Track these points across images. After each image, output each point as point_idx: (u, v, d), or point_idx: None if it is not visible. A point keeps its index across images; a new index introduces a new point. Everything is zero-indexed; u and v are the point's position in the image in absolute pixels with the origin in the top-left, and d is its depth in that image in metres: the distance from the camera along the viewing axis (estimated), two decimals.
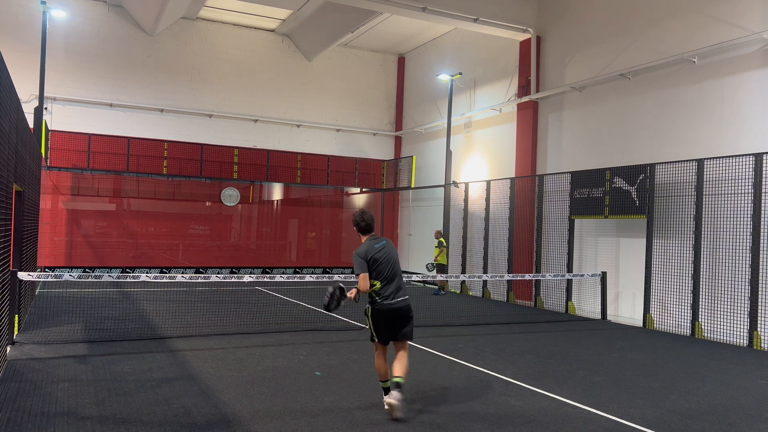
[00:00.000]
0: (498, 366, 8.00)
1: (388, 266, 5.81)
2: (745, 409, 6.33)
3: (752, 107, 11.29)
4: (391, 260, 5.86)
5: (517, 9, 16.45)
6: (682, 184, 11.50)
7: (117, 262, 19.07)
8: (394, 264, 5.87)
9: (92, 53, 19.20)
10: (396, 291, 5.81)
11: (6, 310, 7.54)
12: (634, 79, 13.67)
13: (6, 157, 6.71)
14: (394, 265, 5.86)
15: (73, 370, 7.10)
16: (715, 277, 10.94)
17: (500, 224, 16.23)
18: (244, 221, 21.69)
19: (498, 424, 5.57)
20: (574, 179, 13.80)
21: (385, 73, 23.63)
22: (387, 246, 5.91)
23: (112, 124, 19.20)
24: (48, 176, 17.93)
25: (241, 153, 20.24)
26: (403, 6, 15.43)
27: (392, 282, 5.80)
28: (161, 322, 10.75)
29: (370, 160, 22.62)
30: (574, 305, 13.88)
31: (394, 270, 5.85)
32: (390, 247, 5.94)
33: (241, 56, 21.27)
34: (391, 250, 5.93)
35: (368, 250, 5.81)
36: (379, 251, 5.82)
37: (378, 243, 5.89)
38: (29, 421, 5.19)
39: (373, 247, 5.84)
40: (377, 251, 5.82)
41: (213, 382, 6.70)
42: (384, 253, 5.83)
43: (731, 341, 10.42)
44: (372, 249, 5.82)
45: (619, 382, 7.32)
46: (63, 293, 14.21)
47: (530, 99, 16.45)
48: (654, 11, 13.33)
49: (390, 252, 5.89)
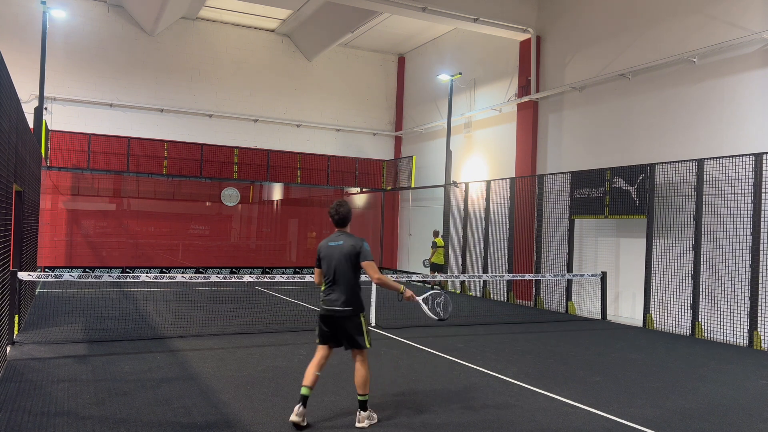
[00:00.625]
0: (498, 366, 8.00)
1: (330, 267, 5.48)
2: (745, 409, 6.33)
3: (752, 107, 11.29)
4: (335, 262, 5.45)
5: (517, 9, 16.45)
6: (682, 184, 11.50)
7: (117, 262, 19.06)
8: (338, 266, 5.44)
9: (92, 53, 19.19)
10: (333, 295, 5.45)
11: (6, 310, 7.53)
12: (634, 79, 13.67)
13: (6, 157, 6.71)
14: (337, 267, 5.44)
15: (73, 370, 7.10)
16: (715, 277, 10.93)
17: (500, 224, 16.23)
18: (244, 221, 21.69)
19: (498, 424, 5.57)
20: (574, 179, 13.80)
21: (385, 73, 23.63)
22: (339, 247, 5.47)
23: (112, 124, 19.20)
24: (48, 176, 17.93)
25: (241, 153, 20.24)
26: (403, 6, 15.43)
27: (333, 285, 5.47)
28: (161, 322, 10.75)
29: (370, 160, 22.62)
30: (574, 305, 13.88)
31: (337, 273, 5.44)
32: (343, 248, 5.45)
33: (241, 56, 21.27)
34: (342, 252, 5.44)
35: (321, 246, 5.62)
36: (329, 249, 5.53)
37: (334, 241, 5.55)
38: (29, 421, 5.19)
39: (327, 244, 5.58)
40: (327, 249, 5.54)
41: (213, 382, 6.70)
42: (332, 251, 5.49)
43: (731, 341, 10.42)
44: (324, 245, 5.59)
45: (619, 382, 7.32)
46: (63, 293, 14.21)
47: (530, 99, 16.45)
48: (654, 11, 13.33)
49: (338, 254, 5.45)
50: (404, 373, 7.48)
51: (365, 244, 5.50)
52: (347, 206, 5.63)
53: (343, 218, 5.59)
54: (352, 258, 5.43)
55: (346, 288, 5.44)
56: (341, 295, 5.43)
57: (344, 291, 5.43)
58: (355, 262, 5.45)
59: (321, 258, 5.58)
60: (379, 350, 8.82)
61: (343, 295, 5.43)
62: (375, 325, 10.85)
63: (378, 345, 9.23)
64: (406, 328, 10.81)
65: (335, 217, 5.58)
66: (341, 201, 5.67)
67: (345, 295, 5.43)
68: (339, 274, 5.45)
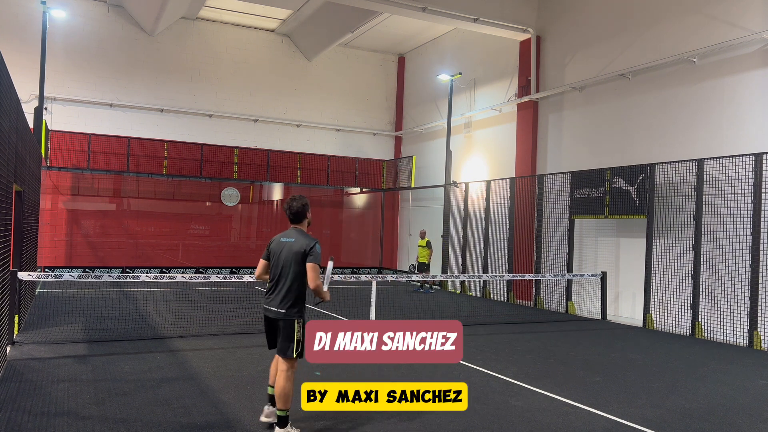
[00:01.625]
0: (498, 366, 8.00)
1: (276, 264, 5.20)
2: (745, 409, 6.33)
3: (752, 107, 11.29)
4: (281, 260, 5.15)
5: (517, 9, 16.45)
6: (682, 184, 11.50)
7: (117, 262, 19.06)
8: (283, 267, 5.13)
9: (92, 53, 19.20)
10: (274, 295, 5.18)
11: (6, 310, 7.53)
12: (634, 79, 13.67)
13: (6, 157, 6.71)
14: (281, 267, 5.14)
15: (73, 370, 7.10)
16: (715, 277, 10.93)
17: (500, 224, 16.23)
18: (244, 221, 21.69)
19: (498, 424, 5.57)
20: (574, 179, 13.80)
21: (385, 73, 23.63)
22: (290, 245, 5.15)
23: (112, 124, 19.20)
24: (48, 176, 17.92)
25: (241, 153, 20.24)
26: (403, 6, 15.43)
27: (275, 283, 5.19)
28: (161, 322, 10.75)
29: (370, 160, 22.62)
30: (574, 305, 13.88)
31: (282, 272, 5.14)
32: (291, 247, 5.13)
33: (241, 56, 21.27)
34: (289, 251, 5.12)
35: (273, 239, 5.34)
36: (279, 244, 5.22)
37: (285, 237, 5.24)
38: (29, 421, 5.19)
39: (278, 239, 5.28)
40: (278, 243, 5.23)
41: (213, 382, 6.70)
42: (281, 247, 5.19)
43: (731, 341, 10.42)
44: (276, 239, 5.29)
45: (619, 382, 7.32)
46: (63, 293, 14.20)
47: (530, 99, 16.45)
48: (654, 11, 13.33)
49: (287, 251, 5.13)
50: (403, 373, 7.48)
51: (317, 245, 5.12)
52: (301, 201, 5.27)
53: (296, 213, 5.25)
54: (299, 257, 5.08)
55: (288, 289, 5.11)
56: (279, 295, 5.14)
57: (285, 292, 5.11)
58: (302, 262, 5.08)
59: (270, 251, 5.28)
60: None
61: (283, 296, 5.12)
62: None
63: None
64: None
65: (287, 212, 5.27)
66: (296, 195, 5.36)
67: (284, 297, 5.11)
68: (282, 273, 5.13)
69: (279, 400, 5.03)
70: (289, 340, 5.10)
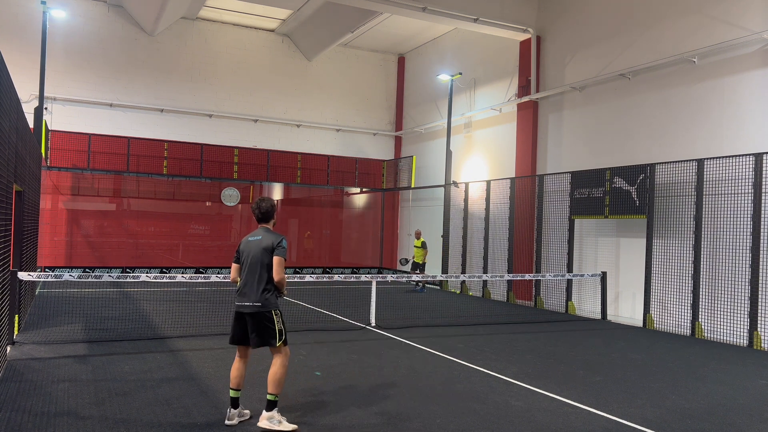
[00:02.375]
0: (498, 366, 8.00)
1: (246, 262, 5.43)
2: (745, 409, 6.33)
3: (752, 107, 11.29)
4: (251, 257, 5.39)
5: (517, 9, 16.46)
6: (682, 184, 11.50)
7: (117, 262, 19.07)
8: (254, 263, 5.37)
9: (92, 53, 19.20)
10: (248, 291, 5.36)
11: (6, 310, 7.54)
12: (634, 79, 13.67)
13: (6, 157, 6.71)
14: (253, 264, 5.38)
15: (73, 370, 7.10)
16: (715, 277, 10.94)
17: (500, 224, 16.23)
18: (244, 221, 21.68)
19: (498, 424, 5.57)
20: (574, 179, 13.80)
21: (385, 73, 23.63)
22: (258, 242, 5.42)
23: (112, 124, 19.20)
24: (48, 176, 17.93)
25: (241, 153, 20.25)
26: (403, 6, 15.43)
27: (248, 280, 5.39)
28: (161, 322, 10.75)
29: (370, 160, 22.62)
30: (574, 305, 13.88)
31: (252, 269, 5.38)
32: (259, 243, 5.39)
33: (241, 56, 21.27)
34: (258, 247, 5.38)
35: (241, 242, 5.58)
36: (247, 244, 5.49)
37: (253, 236, 5.52)
38: (29, 421, 5.19)
39: (247, 239, 5.54)
40: (247, 244, 5.50)
41: (213, 382, 6.70)
42: (250, 246, 5.45)
43: (731, 341, 10.42)
44: (244, 240, 5.56)
45: (619, 382, 7.32)
46: (63, 293, 14.21)
47: (530, 99, 16.45)
48: (654, 11, 13.33)
49: (254, 249, 5.39)
50: (404, 373, 7.48)
51: (284, 240, 5.41)
52: (269, 202, 5.60)
53: (264, 213, 5.55)
54: (267, 253, 5.36)
55: (261, 283, 5.34)
56: (253, 290, 5.34)
57: (258, 286, 5.34)
58: (271, 256, 5.36)
59: (239, 252, 5.54)
60: (380, 350, 8.83)
61: (257, 290, 5.33)
62: (375, 325, 10.85)
63: (378, 345, 9.23)
64: (406, 328, 10.80)
65: (256, 212, 5.56)
66: (264, 197, 5.68)
67: (258, 291, 5.33)
68: (253, 269, 5.37)
69: (272, 385, 5.23)
70: (270, 331, 5.33)
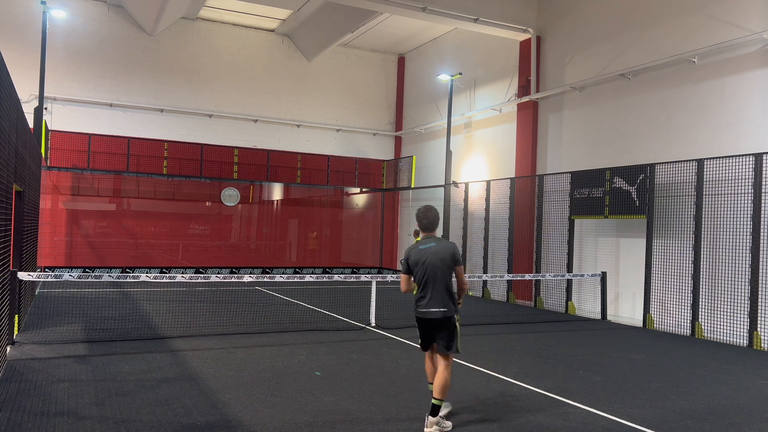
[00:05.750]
0: (498, 366, 8.00)
1: (423, 270, 5.51)
2: (745, 409, 6.33)
3: (752, 107, 11.29)
4: (429, 264, 5.49)
5: (517, 9, 16.45)
6: (682, 184, 11.51)
7: (117, 262, 19.06)
8: (433, 268, 5.47)
9: (92, 53, 19.20)
10: (429, 298, 5.48)
11: (6, 310, 7.53)
12: (634, 79, 13.67)
13: (6, 157, 6.71)
14: (430, 269, 5.48)
15: (73, 370, 7.10)
16: (715, 277, 10.94)
17: (500, 224, 16.23)
18: (244, 221, 21.69)
19: (498, 424, 5.57)
20: (574, 179, 13.80)
21: (385, 73, 23.63)
22: (431, 249, 5.53)
23: (112, 124, 19.20)
24: (48, 176, 17.92)
25: (241, 153, 20.24)
26: (403, 6, 15.43)
27: (426, 287, 5.50)
28: (161, 322, 10.75)
29: (370, 160, 22.62)
30: (574, 305, 13.88)
31: (429, 275, 5.48)
32: (434, 250, 5.52)
33: (241, 56, 21.27)
34: (434, 253, 5.50)
35: (410, 251, 5.65)
36: (421, 253, 5.55)
37: (424, 245, 5.58)
38: (29, 421, 5.19)
39: (417, 248, 5.60)
40: (419, 253, 5.56)
41: (213, 382, 6.70)
42: (424, 255, 5.53)
43: (731, 341, 10.42)
44: (414, 250, 5.62)
45: (619, 382, 7.32)
46: (63, 293, 14.21)
47: (530, 99, 16.45)
48: (654, 11, 13.33)
49: (431, 256, 5.50)
50: (404, 373, 7.48)
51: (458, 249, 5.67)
52: (435, 211, 5.71)
53: (430, 222, 5.65)
54: (448, 261, 5.51)
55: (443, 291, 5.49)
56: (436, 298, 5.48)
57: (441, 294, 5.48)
58: (451, 265, 5.53)
59: (414, 263, 5.57)
60: (380, 350, 8.83)
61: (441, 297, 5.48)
62: (375, 325, 10.85)
63: (378, 345, 9.23)
64: (406, 328, 10.80)
65: (423, 221, 5.66)
66: (429, 206, 5.74)
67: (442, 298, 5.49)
68: (433, 277, 5.47)
69: (439, 391, 5.33)
70: (454, 336, 5.53)
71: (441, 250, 5.51)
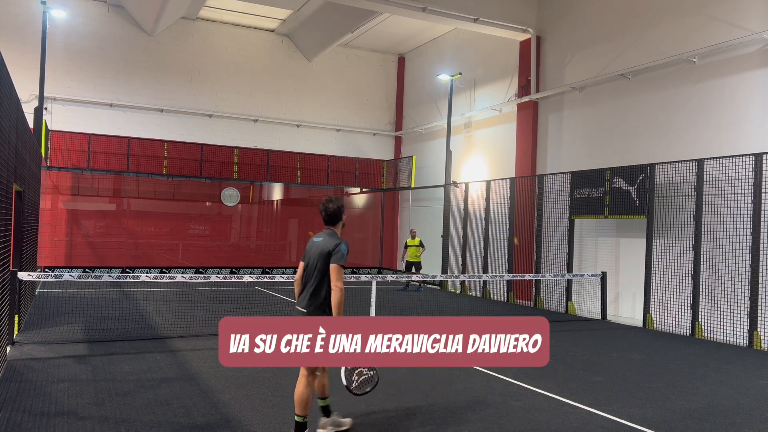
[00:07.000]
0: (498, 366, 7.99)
1: (306, 264, 5.14)
2: (745, 409, 6.33)
3: (752, 107, 11.29)
4: (311, 258, 5.08)
5: (517, 9, 16.45)
6: (682, 184, 11.50)
7: (117, 262, 19.06)
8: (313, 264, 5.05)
9: (92, 53, 19.19)
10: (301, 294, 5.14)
11: (6, 310, 7.53)
12: (634, 79, 13.67)
13: (6, 157, 6.71)
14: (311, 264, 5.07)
15: (73, 370, 7.10)
16: (715, 277, 10.93)
17: (500, 224, 16.22)
18: (244, 221, 21.69)
19: (498, 424, 5.57)
20: (574, 179, 13.80)
21: (385, 73, 23.63)
22: (317, 243, 5.11)
23: (112, 124, 19.20)
24: (48, 176, 17.91)
25: (241, 153, 20.24)
26: (403, 6, 15.43)
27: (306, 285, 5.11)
28: (161, 322, 10.75)
29: (370, 160, 22.62)
30: (574, 305, 13.88)
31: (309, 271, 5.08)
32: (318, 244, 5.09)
33: (241, 56, 21.27)
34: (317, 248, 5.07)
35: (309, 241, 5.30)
36: (309, 246, 5.22)
37: (317, 238, 5.20)
38: (29, 421, 5.19)
39: (312, 240, 5.25)
40: (309, 245, 5.22)
41: (213, 382, 6.70)
42: (310, 248, 5.16)
43: (731, 341, 10.42)
44: (311, 241, 5.27)
45: (619, 382, 7.32)
46: (63, 293, 14.20)
47: (530, 99, 16.45)
48: (654, 11, 13.33)
49: (314, 250, 5.09)
50: (403, 372, 7.48)
51: (343, 245, 5.01)
52: (337, 203, 5.24)
53: (329, 216, 5.22)
54: (324, 257, 4.99)
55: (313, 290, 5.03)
56: (310, 298, 5.03)
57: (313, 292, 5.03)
58: (326, 264, 4.98)
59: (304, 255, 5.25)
60: None
61: (310, 296, 5.03)
62: None
63: None
64: None
65: (323, 213, 5.24)
66: (332, 197, 5.30)
67: (312, 297, 5.02)
68: (309, 272, 5.07)
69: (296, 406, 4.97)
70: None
71: (323, 246, 5.03)
